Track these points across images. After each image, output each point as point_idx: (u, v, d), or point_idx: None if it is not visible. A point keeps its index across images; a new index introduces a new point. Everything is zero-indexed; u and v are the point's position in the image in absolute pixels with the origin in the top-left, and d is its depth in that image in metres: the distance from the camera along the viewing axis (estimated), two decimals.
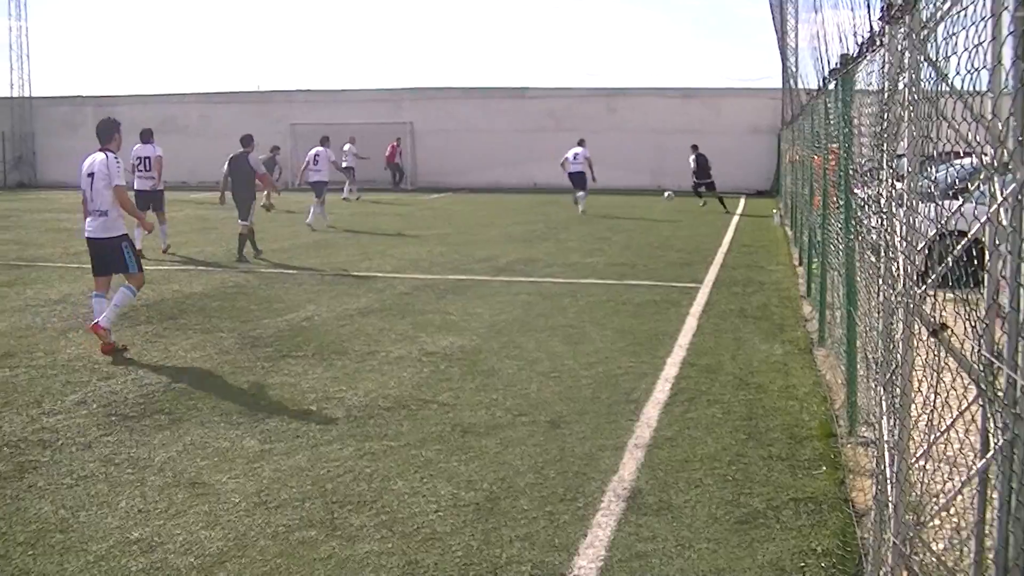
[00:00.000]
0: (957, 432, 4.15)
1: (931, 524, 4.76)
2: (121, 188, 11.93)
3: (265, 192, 25.99)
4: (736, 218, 31.61)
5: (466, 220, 30.99)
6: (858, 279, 8.39)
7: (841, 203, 9.20)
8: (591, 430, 8.58)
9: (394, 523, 6.50)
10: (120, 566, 5.82)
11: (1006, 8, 3.28)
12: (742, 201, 39.65)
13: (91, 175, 12.01)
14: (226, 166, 21.48)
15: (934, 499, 4.50)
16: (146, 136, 22.10)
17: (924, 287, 4.26)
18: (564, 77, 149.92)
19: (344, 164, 40.64)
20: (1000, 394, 3.51)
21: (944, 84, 4.01)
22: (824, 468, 7.65)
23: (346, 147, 41.62)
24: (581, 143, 34.06)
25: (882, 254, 4.98)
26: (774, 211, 31.37)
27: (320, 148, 29.74)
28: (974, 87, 3.58)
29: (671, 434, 8.47)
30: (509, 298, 15.50)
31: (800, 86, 23.29)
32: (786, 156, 31.40)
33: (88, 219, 12.08)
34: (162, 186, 22.17)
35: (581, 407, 9.32)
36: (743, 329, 13.05)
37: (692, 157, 37.10)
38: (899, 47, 4.65)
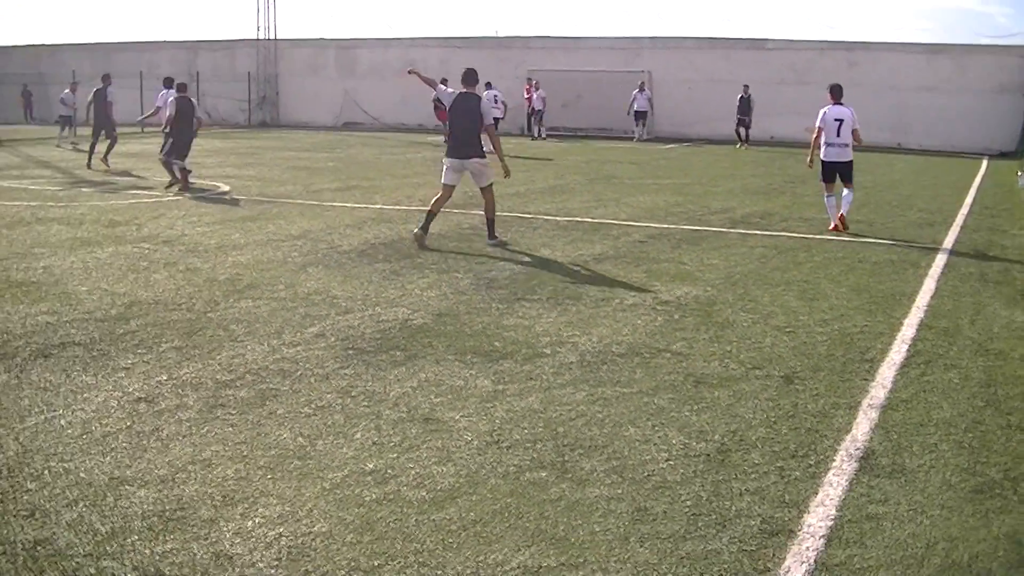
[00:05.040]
0: None
1: None
2: None
3: None
4: (978, 179, 30.49)
5: (703, 171, 30.71)
6: None
7: None
8: (825, 387, 8.37)
9: (624, 469, 6.45)
10: (355, 495, 5.90)
11: None
12: (984, 163, 38.28)
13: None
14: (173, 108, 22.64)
15: None
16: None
17: None
18: (804, 30, 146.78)
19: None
20: None
21: None
22: None
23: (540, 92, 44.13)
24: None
25: None
26: (1019, 173, 30.17)
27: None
28: None
29: (906, 396, 8.20)
30: (745, 250, 15.27)
31: None
32: None
33: None
34: None
35: (815, 363, 9.11)
36: (983, 293, 12.56)
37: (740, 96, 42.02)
38: None
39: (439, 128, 39.85)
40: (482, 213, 15.69)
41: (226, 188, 22.81)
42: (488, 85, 36.99)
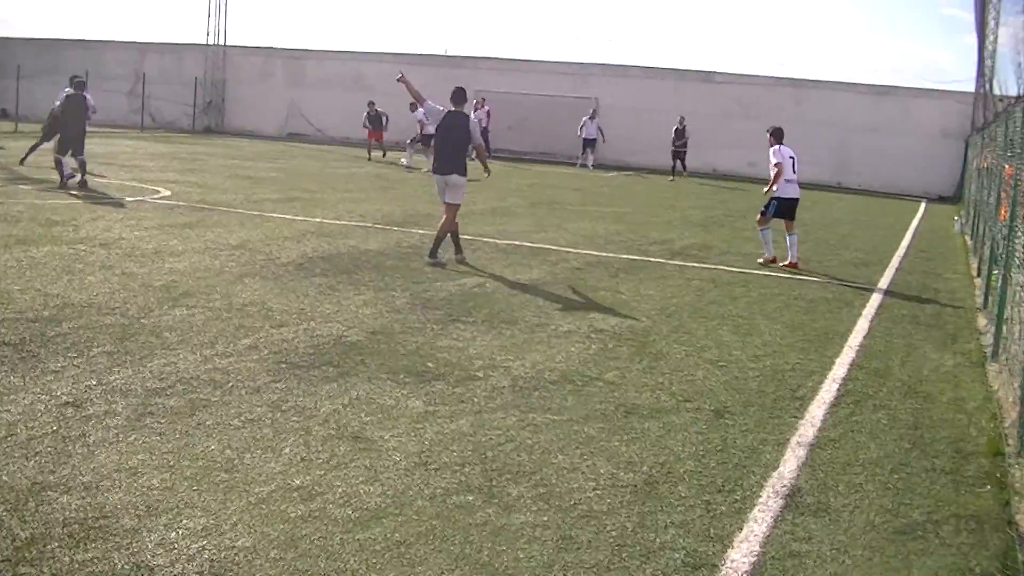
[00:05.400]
0: None
1: None
2: None
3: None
4: (916, 222, 30.89)
5: (644, 200, 30.91)
6: None
7: None
8: (755, 423, 8.45)
9: (551, 496, 6.47)
10: (280, 511, 5.89)
11: None
12: (922, 206, 38.78)
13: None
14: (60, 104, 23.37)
15: None
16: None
17: None
18: (752, 64, 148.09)
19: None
20: None
21: None
22: (989, 487, 7.41)
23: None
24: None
25: None
26: (955, 218, 30.62)
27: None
28: None
29: (835, 435, 8.31)
30: (682, 282, 15.38)
31: (996, 91, 22.66)
32: (973, 163, 30.60)
33: None
34: None
35: (746, 399, 9.20)
36: (915, 336, 12.75)
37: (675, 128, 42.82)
38: None
39: (374, 145, 40.15)
40: (427, 232, 15.65)
41: (167, 193, 22.66)
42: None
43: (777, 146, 18.28)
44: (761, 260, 18.20)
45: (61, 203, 19.39)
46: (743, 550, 5.89)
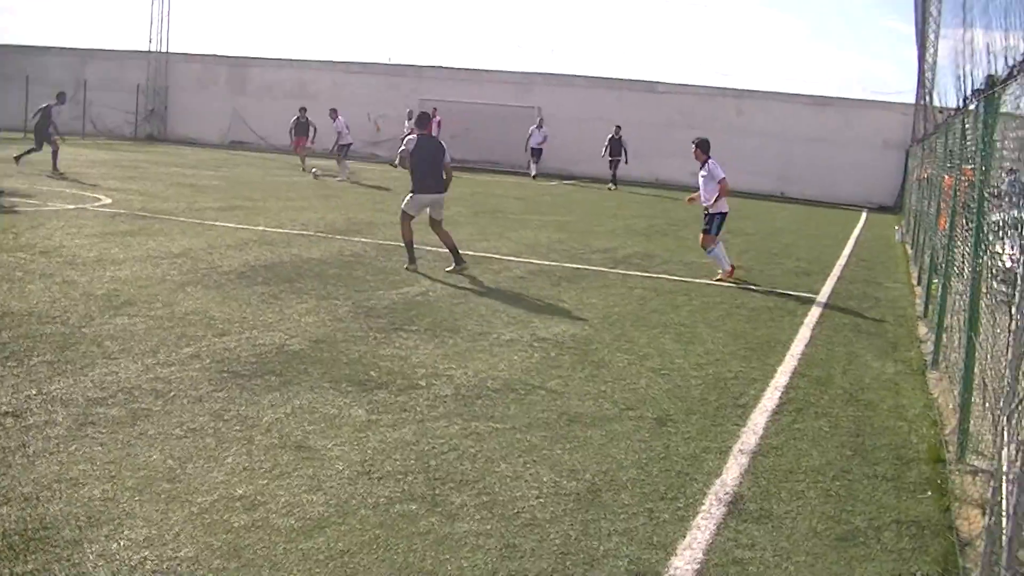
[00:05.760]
0: None
1: None
2: None
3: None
4: (857, 231, 31.17)
5: (587, 209, 30.99)
6: (983, 304, 8.22)
7: (971, 226, 9.00)
8: (697, 431, 8.51)
9: (495, 505, 6.50)
10: (223, 520, 5.88)
11: None
12: (864, 215, 39.15)
13: None
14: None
15: None
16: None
17: None
18: (696, 75, 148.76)
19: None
20: None
21: None
22: (930, 493, 7.51)
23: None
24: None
25: (1019, 282, 4.86)
26: (896, 228, 30.92)
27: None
28: None
29: (777, 443, 8.39)
30: (624, 291, 15.45)
31: (936, 103, 22.90)
32: (914, 173, 30.92)
33: None
34: None
35: (689, 407, 9.26)
36: (856, 344, 12.87)
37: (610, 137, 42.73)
38: None
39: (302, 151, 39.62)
40: (369, 240, 15.60)
41: (108, 201, 22.51)
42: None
43: (710, 159, 17.73)
44: (720, 276, 17.57)
45: (0, 211, 19.20)
46: (686, 557, 5.94)
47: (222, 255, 15.69)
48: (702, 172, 17.72)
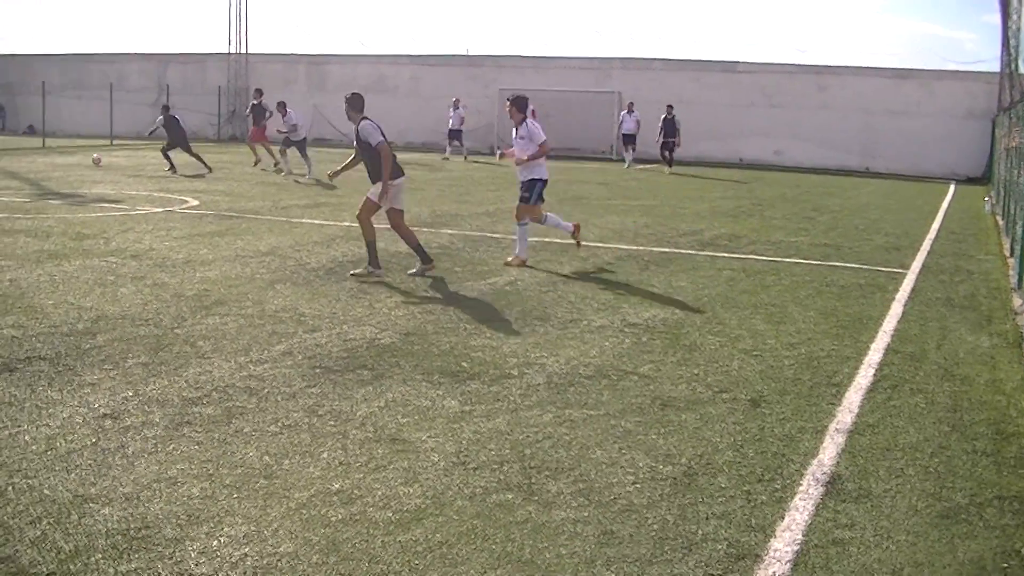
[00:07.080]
0: None
1: None
2: None
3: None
4: (945, 204, 30.72)
5: (671, 192, 30.81)
6: None
7: None
8: (792, 411, 8.41)
9: (591, 492, 6.45)
10: (321, 515, 5.89)
11: None
12: (952, 187, 38.60)
13: None
14: None
15: None
16: None
17: None
18: (774, 53, 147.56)
19: None
20: None
21: None
22: None
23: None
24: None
25: None
26: (985, 199, 30.39)
27: None
28: None
29: (873, 421, 8.25)
30: (713, 273, 15.33)
31: (1022, 70, 22.47)
32: (1001, 143, 30.36)
33: None
34: None
35: (782, 387, 9.15)
36: (949, 318, 12.65)
37: (663, 117, 40.91)
38: None
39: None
40: (456, 232, 15.60)
41: (195, 202, 22.76)
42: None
43: (527, 119, 15.68)
44: (511, 260, 15.71)
45: (91, 216, 19.48)
46: (786, 539, 5.85)
47: (309, 252, 15.78)
48: (520, 133, 15.71)
